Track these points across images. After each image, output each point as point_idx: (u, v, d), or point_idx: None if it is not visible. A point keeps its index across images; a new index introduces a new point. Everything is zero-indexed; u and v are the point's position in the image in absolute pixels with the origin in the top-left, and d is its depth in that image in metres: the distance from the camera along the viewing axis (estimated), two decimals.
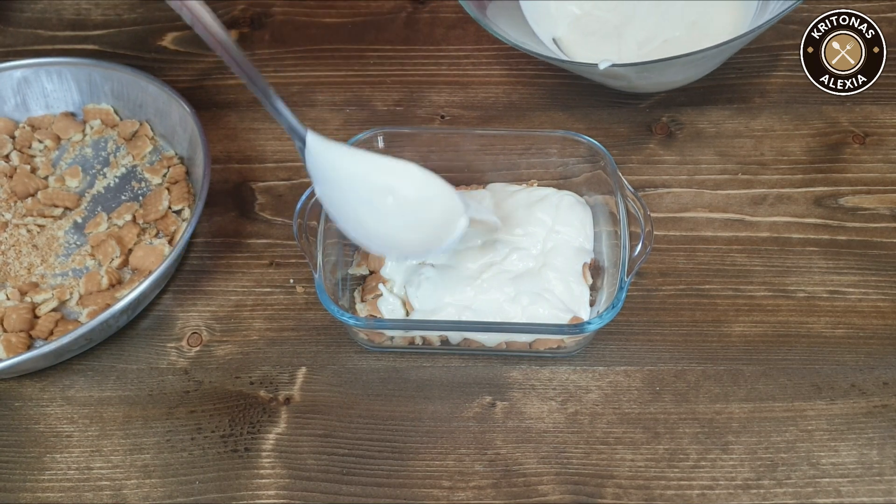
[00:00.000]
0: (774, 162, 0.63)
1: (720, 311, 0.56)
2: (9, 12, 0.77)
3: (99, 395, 0.54)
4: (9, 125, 0.66)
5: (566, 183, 0.59)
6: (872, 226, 0.59)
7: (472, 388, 0.53)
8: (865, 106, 0.65)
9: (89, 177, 0.64)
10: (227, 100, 0.69)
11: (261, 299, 0.58)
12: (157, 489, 0.51)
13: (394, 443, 0.52)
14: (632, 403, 0.52)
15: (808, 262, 0.58)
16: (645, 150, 0.64)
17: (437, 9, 0.75)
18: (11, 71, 0.66)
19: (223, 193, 0.64)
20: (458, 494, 0.50)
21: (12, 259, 0.59)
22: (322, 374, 0.55)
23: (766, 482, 0.49)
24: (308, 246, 0.52)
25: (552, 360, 0.54)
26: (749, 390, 0.52)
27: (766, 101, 0.66)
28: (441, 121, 0.67)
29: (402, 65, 0.71)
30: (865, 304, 0.56)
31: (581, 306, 0.53)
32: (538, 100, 0.68)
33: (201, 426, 0.53)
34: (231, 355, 0.56)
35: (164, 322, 0.57)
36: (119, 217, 0.61)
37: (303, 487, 0.50)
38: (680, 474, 0.50)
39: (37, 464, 0.52)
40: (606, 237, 0.56)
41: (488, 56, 0.71)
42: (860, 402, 0.52)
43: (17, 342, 0.55)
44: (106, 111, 0.67)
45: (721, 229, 0.60)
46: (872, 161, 0.62)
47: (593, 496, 0.49)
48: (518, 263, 0.54)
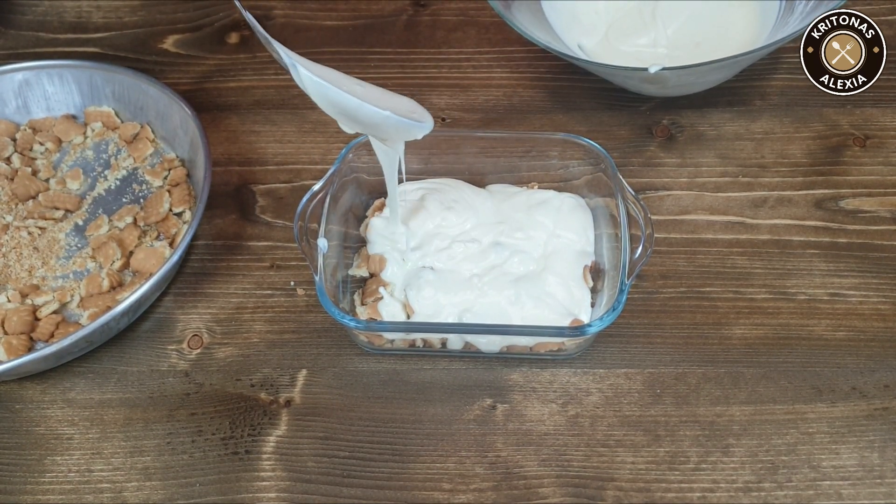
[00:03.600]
0: (775, 164, 0.63)
1: (721, 314, 0.56)
2: (10, 15, 0.78)
3: (100, 398, 0.54)
4: (10, 127, 0.67)
5: (567, 185, 0.59)
6: (873, 228, 0.59)
7: (473, 390, 0.53)
8: (866, 108, 0.65)
9: (90, 179, 0.64)
10: (228, 102, 0.69)
11: (261, 302, 0.58)
12: (157, 491, 0.51)
13: (394, 445, 0.52)
14: (632, 406, 0.52)
15: (809, 265, 0.58)
16: (645, 152, 0.64)
17: (438, 11, 0.75)
18: (13, 73, 0.66)
19: (224, 196, 0.64)
20: (458, 497, 0.50)
21: (13, 261, 0.59)
22: (323, 376, 0.55)
23: (766, 485, 0.49)
24: (309, 248, 0.52)
25: (553, 362, 0.54)
26: (750, 393, 0.52)
27: (767, 104, 0.66)
28: (442, 123, 0.67)
29: (403, 67, 0.71)
30: (866, 306, 0.56)
31: (582, 309, 0.53)
32: (539, 102, 0.68)
33: (202, 428, 0.53)
34: (232, 358, 0.56)
35: (164, 324, 0.57)
36: (120, 219, 0.61)
37: (303, 490, 0.50)
38: (681, 477, 0.50)
39: (37, 466, 0.52)
40: (607, 240, 0.56)
41: (489, 59, 0.71)
42: (861, 404, 0.52)
43: (17, 344, 0.55)
44: (107, 113, 0.67)
45: (721, 232, 0.60)
46: (873, 164, 0.62)
47: (594, 499, 0.49)
48: (519, 266, 0.54)
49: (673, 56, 0.65)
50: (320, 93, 0.48)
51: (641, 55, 0.66)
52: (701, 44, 0.66)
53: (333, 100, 0.48)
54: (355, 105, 0.48)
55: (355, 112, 0.48)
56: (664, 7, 0.68)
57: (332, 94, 0.47)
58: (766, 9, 0.66)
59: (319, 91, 0.47)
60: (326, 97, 0.48)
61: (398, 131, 0.51)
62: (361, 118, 0.49)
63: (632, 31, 0.67)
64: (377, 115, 0.48)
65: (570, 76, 0.69)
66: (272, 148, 0.66)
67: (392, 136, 0.52)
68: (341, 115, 0.49)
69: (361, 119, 0.49)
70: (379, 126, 0.50)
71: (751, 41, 0.65)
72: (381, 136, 0.52)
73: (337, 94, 0.47)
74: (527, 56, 0.71)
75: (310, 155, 0.66)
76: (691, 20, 0.67)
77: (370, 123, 0.49)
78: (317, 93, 0.48)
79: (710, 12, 0.67)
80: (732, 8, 0.67)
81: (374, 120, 0.49)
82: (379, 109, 0.48)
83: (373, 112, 0.48)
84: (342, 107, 0.48)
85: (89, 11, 0.77)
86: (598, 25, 0.68)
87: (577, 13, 0.68)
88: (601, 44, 0.68)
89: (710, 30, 0.66)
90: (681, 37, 0.66)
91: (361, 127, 0.50)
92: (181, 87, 0.70)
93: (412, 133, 0.51)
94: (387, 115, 0.48)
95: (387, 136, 0.52)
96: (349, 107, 0.48)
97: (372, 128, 0.51)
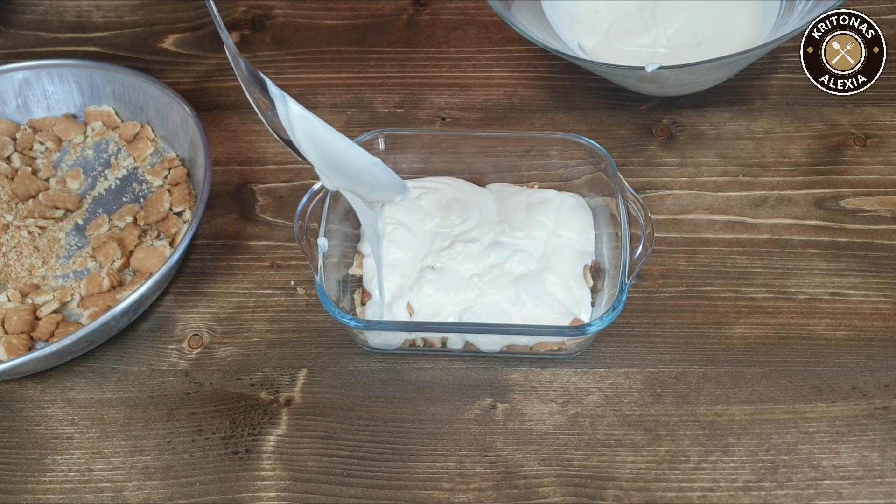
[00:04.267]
0: (775, 164, 0.63)
1: (721, 313, 0.56)
2: (10, 14, 0.78)
3: (100, 397, 0.54)
4: (10, 127, 0.67)
5: (567, 185, 0.59)
6: (873, 228, 0.59)
7: (473, 389, 0.54)
8: (866, 108, 0.65)
9: (90, 178, 0.64)
10: (229, 102, 0.69)
11: (262, 301, 0.58)
12: (157, 491, 0.51)
13: (394, 445, 0.52)
14: (632, 405, 0.52)
15: (809, 264, 0.58)
16: (646, 151, 0.64)
17: (438, 11, 0.75)
18: (13, 73, 0.66)
19: (224, 195, 0.64)
20: (458, 496, 0.50)
21: (13, 261, 0.59)
22: (323, 375, 0.55)
23: (766, 484, 0.49)
24: (309, 248, 0.52)
25: (553, 361, 0.54)
26: (750, 392, 0.52)
27: (767, 103, 0.66)
28: (442, 123, 0.67)
29: (403, 67, 0.71)
30: (866, 306, 0.56)
31: (582, 308, 0.53)
32: (539, 102, 0.68)
33: (202, 428, 0.53)
34: (232, 357, 0.56)
35: (165, 324, 0.57)
36: (120, 219, 0.61)
37: (303, 489, 0.50)
38: (681, 476, 0.50)
39: (37, 465, 0.52)
40: (607, 239, 0.56)
41: (489, 58, 0.71)
42: (861, 404, 0.52)
43: (18, 344, 0.55)
44: (107, 113, 0.67)
45: (722, 231, 0.60)
46: (873, 163, 0.62)
47: (594, 498, 0.49)
48: (519, 266, 0.54)
49: (673, 56, 0.65)
50: (308, 131, 0.44)
51: (642, 55, 0.66)
52: (701, 44, 0.66)
53: (321, 140, 0.44)
54: (343, 147, 0.45)
55: (342, 155, 0.45)
56: (665, 7, 0.68)
57: (320, 134, 0.44)
58: (767, 9, 0.66)
59: (307, 130, 0.44)
60: (314, 137, 0.44)
61: (381, 185, 0.48)
62: (348, 164, 0.46)
63: (632, 31, 0.67)
64: (365, 161, 0.45)
65: (570, 75, 0.69)
66: (272, 147, 0.66)
67: (372, 192, 0.49)
68: (326, 160, 0.46)
69: (347, 165, 0.46)
70: (364, 174, 0.47)
71: (751, 41, 0.65)
72: (363, 191, 0.49)
73: (326, 132, 0.44)
74: (527, 55, 0.71)
75: None
76: (692, 20, 0.67)
77: (355, 170, 0.46)
78: (304, 131, 0.44)
79: (710, 12, 0.67)
80: (733, 8, 0.67)
81: (360, 166, 0.46)
82: (368, 154, 0.45)
83: (361, 156, 0.45)
84: (330, 149, 0.45)
85: (89, 11, 0.77)
86: (599, 25, 0.68)
87: (577, 13, 0.68)
88: (601, 43, 0.68)
89: (711, 30, 0.66)
90: (681, 37, 0.67)
91: (344, 177, 0.47)
92: (181, 86, 0.70)
93: (393, 190, 0.48)
94: (376, 161, 0.46)
95: (367, 192, 0.49)
96: (336, 149, 0.45)
97: (355, 177, 0.47)
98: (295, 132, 0.44)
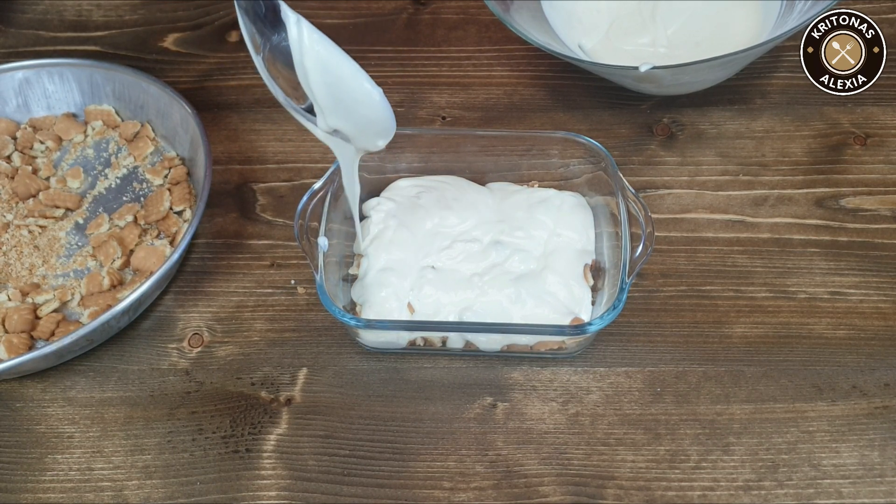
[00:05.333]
0: (775, 163, 0.63)
1: (721, 313, 0.56)
2: (10, 13, 0.77)
3: (100, 396, 0.54)
4: (10, 126, 0.67)
5: (567, 184, 0.59)
6: (873, 227, 0.59)
7: (473, 389, 0.54)
8: (866, 107, 0.65)
9: (91, 178, 0.64)
10: (229, 101, 0.69)
11: (262, 300, 0.58)
12: (158, 490, 0.51)
13: (395, 444, 0.52)
14: (633, 404, 0.52)
15: (809, 264, 0.58)
16: (646, 151, 0.64)
17: (439, 10, 0.75)
18: (13, 72, 0.66)
19: (224, 194, 0.64)
20: (459, 495, 0.50)
21: (14, 260, 0.59)
22: (323, 374, 0.55)
23: (767, 483, 0.49)
24: (309, 247, 0.52)
25: (553, 361, 0.54)
26: (750, 391, 0.52)
27: (767, 103, 0.66)
28: (442, 122, 0.67)
29: (403, 66, 0.71)
30: (866, 305, 0.56)
31: (582, 307, 0.53)
32: (539, 101, 0.68)
33: (202, 427, 0.53)
34: (232, 356, 0.56)
35: (165, 323, 0.57)
36: (120, 218, 0.61)
37: (304, 488, 0.50)
38: (681, 475, 0.50)
39: (38, 464, 0.52)
40: (607, 238, 0.56)
41: (489, 57, 0.71)
42: (861, 403, 0.52)
43: (18, 343, 0.55)
44: (107, 112, 0.67)
45: (722, 230, 0.60)
46: (873, 162, 0.62)
47: (594, 497, 0.49)
48: (519, 265, 0.54)
49: (673, 55, 0.65)
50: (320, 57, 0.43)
51: (642, 55, 0.66)
52: (701, 43, 0.66)
53: (334, 65, 0.43)
54: (352, 72, 0.44)
55: (350, 84, 0.44)
56: (664, 7, 0.68)
57: (334, 58, 0.43)
58: (767, 8, 0.66)
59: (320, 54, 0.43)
60: (326, 63, 0.43)
61: (377, 120, 0.47)
62: (352, 93, 0.45)
63: (632, 31, 0.67)
64: (368, 88, 0.45)
65: (570, 74, 0.69)
66: (272, 146, 0.66)
67: (365, 130, 0.48)
68: (330, 89, 0.45)
69: (351, 95, 0.45)
70: (364, 105, 0.46)
71: (751, 41, 0.65)
72: (355, 129, 0.48)
73: (339, 55, 0.43)
74: (527, 54, 0.71)
75: (310, 153, 0.66)
76: (691, 20, 0.67)
77: (356, 101, 0.46)
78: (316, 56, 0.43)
79: (710, 12, 0.67)
80: (733, 8, 0.67)
81: (363, 95, 0.45)
82: (373, 82, 0.44)
83: (367, 82, 0.44)
84: (338, 74, 0.44)
85: (89, 10, 0.77)
86: (599, 25, 0.68)
87: (577, 13, 0.68)
88: (602, 43, 0.68)
89: (711, 29, 0.66)
90: (681, 36, 0.67)
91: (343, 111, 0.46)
92: (181, 85, 0.70)
93: (384, 130, 0.48)
94: (379, 91, 0.45)
95: (360, 130, 0.48)
96: (345, 75, 0.44)
97: (354, 110, 0.47)
98: (306, 59, 0.43)
